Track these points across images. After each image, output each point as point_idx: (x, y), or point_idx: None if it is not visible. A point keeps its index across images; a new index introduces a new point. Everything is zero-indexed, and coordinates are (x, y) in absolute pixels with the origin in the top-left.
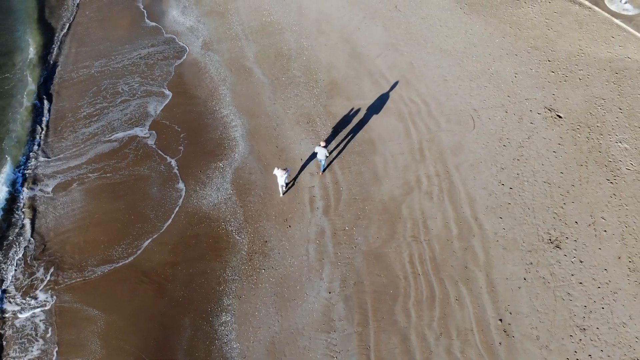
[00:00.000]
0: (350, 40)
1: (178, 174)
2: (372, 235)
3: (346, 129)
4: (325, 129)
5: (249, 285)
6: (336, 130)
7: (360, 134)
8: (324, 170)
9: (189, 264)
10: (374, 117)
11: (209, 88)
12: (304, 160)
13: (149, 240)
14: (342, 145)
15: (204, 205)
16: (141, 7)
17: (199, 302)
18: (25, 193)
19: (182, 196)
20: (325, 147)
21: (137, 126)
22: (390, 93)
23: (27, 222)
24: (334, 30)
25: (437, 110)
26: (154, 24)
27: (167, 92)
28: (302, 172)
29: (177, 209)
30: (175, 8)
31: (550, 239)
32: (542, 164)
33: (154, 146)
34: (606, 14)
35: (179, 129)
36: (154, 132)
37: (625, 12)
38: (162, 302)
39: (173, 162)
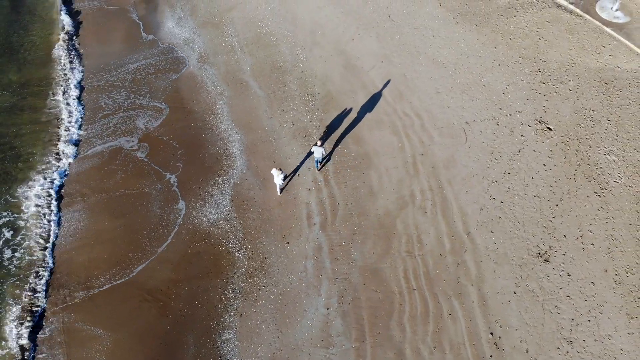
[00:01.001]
0: (344, 51)
1: (178, 192)
2: (368, 251)
3: (342, 142)
4: (321, 142)
5: (250, 302)
6: (332, 143)
7: (355, 148)
8: (320, 168)
9: (191, 281)
10: (369, 130)
11: (206, 102)
12: (301, 175)
13: (150, 259)
14: (338, 160)
15: (204, 223)
16: (136, 18)
17: (201, 320)
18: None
19: (182, 214)
20: (321, 146)
21: (125, 138)
22: (384, 106)
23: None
24: (329, 41)
25: (430, 123)
26: (151, 36)
27: (164, 107)
28: (300, 188)
29: (176, 227)
30: (170, 19)
31: (539, 253)
32: (532, 177)
33: (150, 163)
34: (597, 22)
35: (177, 145)
36: (145, 144)
37: (616, 20)
38: (166, 320)
39: (173, 179)
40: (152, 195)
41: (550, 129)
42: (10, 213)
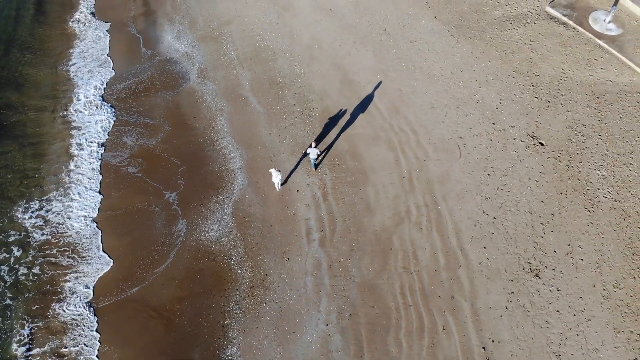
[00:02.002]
0: (341, 66)
1: (179, 210)
2: (366, 267)
3: (340, 158)
4: (319, 159)
5: (252, 319)
6: (330, 159)
7: (353, 164)
8: (316, 167)
9: (195, 298)
10: (366, 146)
11: (206, 118)
12: (300, 192)
13: (155, 276)
14: (336, 175)
15: (206, 240)
16: (135, 32)
17: (206, 336)
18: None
19: (185, 232)
20: (316, 147)
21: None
22: (381, 121)
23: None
24: (326, 55)
25: (425, 138)
26: (150, 51)
27: (165, 123)
28: (299, 204)
29: (179, 245)
30: (169, 33)
31: (530, 268)
32: (524, 193)
33: (151, 181)
34: (590, 35)
35: (179, 162)
36: (145, 160)
37: (608, 33)
38: (172, 337)
39: (173, 197)
40: (155, 212)
41: (542, 144)
42: (16, 232)
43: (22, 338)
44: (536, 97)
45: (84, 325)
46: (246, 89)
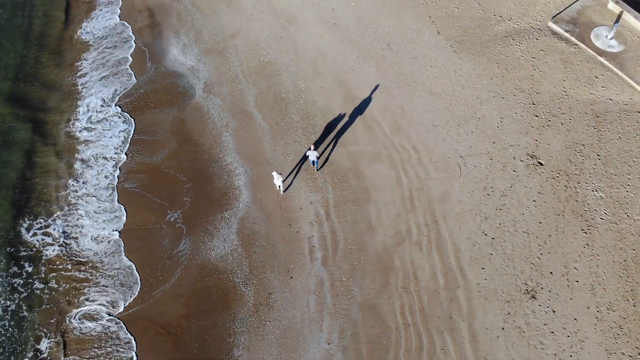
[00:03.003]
0: (344, 82)
1: (184, 228)
2: (367, 286)
3: (342, 176)
4: (323, 176)
5: (256, 337)
6: (333, 177)
7: (355, 182)
8: (319, 169)
9: (201, 316)
10: (368, 164)
11: (212, 134)
12: (303, 209)
13: (162, 293)
14: (339, 193)
15: (212, 258)
16: (142, 45)
17: (212, 353)
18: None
19: (191, 249)
20: (315, 149)
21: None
22: (383, 139)
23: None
24: (330, 71)
25: (426, 157)
26: (156, 65)
27: (171, 139)
28: (302, 222)
29: (185, 262)
30: (175, 46)
31: (527, 290)
32: (523, 214)
33: (156, 198)
34: (591, 52)
35: (185, 179)
36: (152, 177)
37: (610, 50)
38: (180, 354)
39: (178, 214)
40: (162, 230)
41: (541, 164)
42: (27, 249)
43: (37, 354)
44: (536, 116)
45: (107, 340)
46: (251, 105)
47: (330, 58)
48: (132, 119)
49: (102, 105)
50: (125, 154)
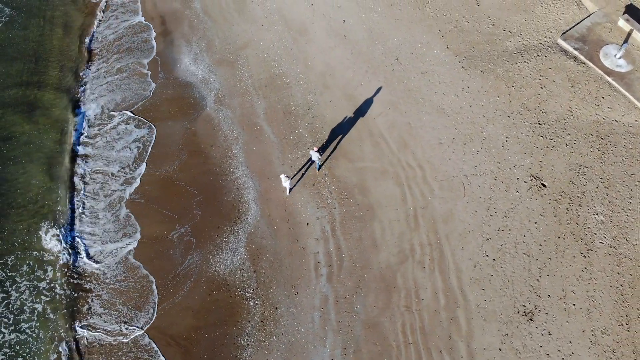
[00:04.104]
0: (353, 96)
1: (194, 241)
2: (370, 304)
3: (348, 192)
4: (330, 191)
5: (263, 351)
6: (339, 193)
7: (361, 198)
8: (319, 169)
9: (210, 328)
10: (374, 180)
11: (223, 147)
12: (310, 225)
13: (172, 305)
14: (345, 210)
15: (221, 271)
16: (154, 53)
17: None
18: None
19: (200, 262)
20: (317, 151)
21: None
22: (389, 156)
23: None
24: (338, 85)
25: (431, 175)
26: (167, 75)
27: (181, 150)
28: (309, 238)
29: (195, 275)
30: (187, 55)
31: (525, 312)
32: (524, 235)
33: (165, 210)
34: (599, 71)
35: (195, 192)
36: (163, 190)
37: (618, 69)
38: None
39: (189, 227)
40: (173, 242)
41: (544, 185)
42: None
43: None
44: (542, 136)
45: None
46: (261, 118)
47: (340, 72)
48: (152, 126)
49: (114, 113)
50: (142, 164)
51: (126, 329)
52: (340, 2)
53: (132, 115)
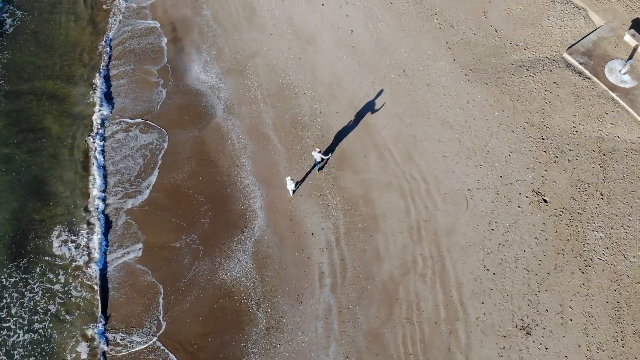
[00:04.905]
0: (359, 107)
1: (201, 249)
2: (372, 315)
3: (353, 203)
4: (335, 202)
5: (267, 359)
6: (344, 203)
7: (365, 210)
8: (320, 169)
9: (217, 335)
10: (379, 192)
11: (231, 156)
12: (315, 235)
13: (179, 312)
14: (349, 220)
15: (228, 279)
16: (165, 61)
17: None
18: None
19: (209, 270)
20: (320, 151)
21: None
22: (394, 168)
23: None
24: (345, 96)
25: (435, 188)
26: (177, 82)
27: (191, 158)
28: (313, 248)
29: (203, 282)
30: (197, 63)
31: (522, 326)
32: (524, 250)
33: (175, 219)
34: (604, 86)
35: (204, 200)
36: (171, 198)
37: (622, 85)
38: None
39: (197, 235)
40: (182, 249)
41: (545, 201)
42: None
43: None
44: (545, 152)
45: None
46: (269, 127)
47: (347, 82)
48: (165, 133)
49: (127, 120)
50: (154, 171)
51: (137, 334)
52: (348, 12)
53: (144, 121)
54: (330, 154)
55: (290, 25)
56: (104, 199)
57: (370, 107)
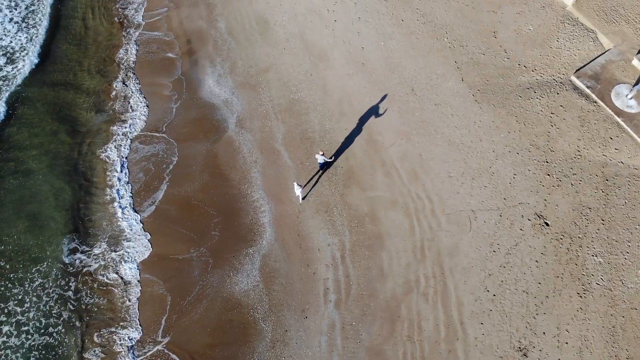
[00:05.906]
0: (368, 125)
1: (211, 261)
2: (375, 332)
3: (359, 220)
4: (341, 219)
5: None
6: (350, 220)
7: (371, 227)
8: (323, 170)
9: (224, 346)
10: (384, 210)
11: (242, 170)
12: (321, 251)
13: (188, 323)
14: (355, 238)
15: (236, 292)
16: (179, 73)
17: None
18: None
19: (217, 283)
20: (323, 155)
21: None
22: (400, 186)
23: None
24: (355, 112)
25: (439, 208)
26: (191, 95)
27: (203, 172)
28: (319, 264)
29: (211, 295)
30: (211, 76)
31: (519, 347)
32: (524, 273)
33: (185, 231)
34: (609, 111)
35: (214, 212)
36: (181, 210)
37: (628, 110)
38: None
39: (207, 248)
40: (192, 261)
41: (547, 224)
42: (69, 268)
43: None
44: (548, 175)
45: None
46: (279, 142)
47: (356, 100)
48: (176, 146)
49: (143, 133)
50: (164, 184)
51: (147, 341)
52: (360, 29)
53: (157, 134)
54: (333, 158)
55: (303, 41)
56: (115, 208)
57: (378, 125)
